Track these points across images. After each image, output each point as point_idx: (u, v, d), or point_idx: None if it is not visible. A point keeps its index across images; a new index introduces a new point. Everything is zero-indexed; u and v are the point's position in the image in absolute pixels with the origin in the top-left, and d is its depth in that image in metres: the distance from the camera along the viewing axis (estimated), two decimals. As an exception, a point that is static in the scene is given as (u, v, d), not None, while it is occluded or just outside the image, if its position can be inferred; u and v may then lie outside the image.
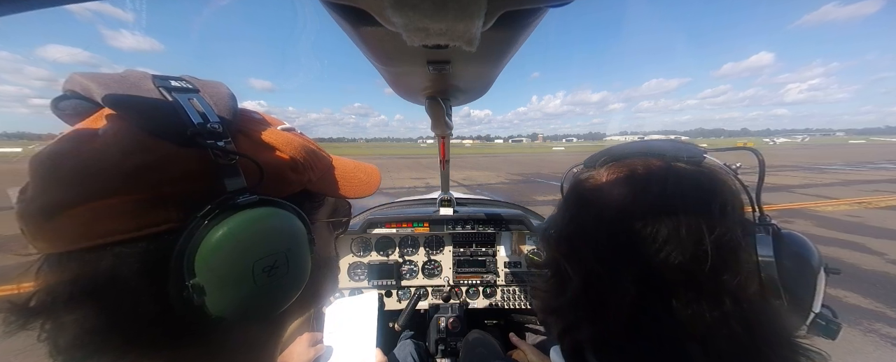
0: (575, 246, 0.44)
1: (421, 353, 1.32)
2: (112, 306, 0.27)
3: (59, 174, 0.26)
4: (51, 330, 0.27)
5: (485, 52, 0.44)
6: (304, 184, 0.38)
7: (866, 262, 4.34)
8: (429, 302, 1.65)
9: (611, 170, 0.45)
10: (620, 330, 0.39)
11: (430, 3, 0.25)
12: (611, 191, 0.43)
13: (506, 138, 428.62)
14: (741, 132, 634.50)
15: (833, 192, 9.80)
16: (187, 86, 0.31)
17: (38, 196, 0.26)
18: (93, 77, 0.29)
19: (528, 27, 0.36)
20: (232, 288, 0.29)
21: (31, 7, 0.23)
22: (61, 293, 0.26)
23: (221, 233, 0.28)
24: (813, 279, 0.40)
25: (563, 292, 0.44)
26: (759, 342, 0.35)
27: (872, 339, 2.74)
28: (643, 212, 0.38)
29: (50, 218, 0.26)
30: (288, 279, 0.33)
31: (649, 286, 0.37)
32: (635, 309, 0.37)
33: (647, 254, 0.37)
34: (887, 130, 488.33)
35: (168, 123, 0.28)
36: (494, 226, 1.66)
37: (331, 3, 0.30)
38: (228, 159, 0.30)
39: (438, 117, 0.76)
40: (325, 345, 0.89)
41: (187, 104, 0.30)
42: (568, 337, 0.46)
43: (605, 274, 0.40)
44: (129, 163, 0.27)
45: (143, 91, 0.29)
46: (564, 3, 0.29)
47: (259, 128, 0.36)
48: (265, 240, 0.31)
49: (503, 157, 38.32)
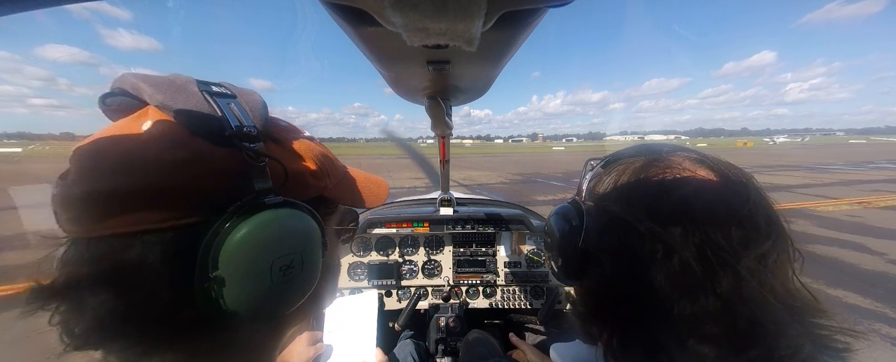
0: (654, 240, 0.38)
1: (421, 353, 1.32)
2: (134, 293, 0.28)
3: (103, 163, 0.28)
4: (66, 314, 0.28)
5: (485, 52, 0.44)
6: (321, 191, 0.40)
7: (866, 262, 4.34)
8: (429, 302, 1.65)
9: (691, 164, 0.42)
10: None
11: (430, 3, 0.25)
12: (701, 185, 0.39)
13: (506, 138, 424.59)
14: (741, 132, 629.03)
15: (833, 192, 9.81)
16: (226, 92, 0.34)
17: (81, 182, 0.28)
18: (144, 78, 0.32)
19: (528, 27, 0.36)
20: (250, 282, 0.31)
21: (31, 7, 0.23)
22: (86, 276, 0.27)
23: (247, 229, 0.30)
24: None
25: (632, 292, 0.39)
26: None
27: (872, 339, 2.74)
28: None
29: (90, 203, 0.27)
30: (300, 279, 0.35)
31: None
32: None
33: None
34: (887, 130, 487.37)
35: (208, 124, 0.31)
36: (494, 226, 1.66)
37: (331, 3, 0.30)
38: (259, 161, 0.32)
39: (438, 117, 0.76)
40: (324, 344, 0.89)
41: (226, 108, 0.32)
42: (631, 338, 0.41)
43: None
44: (169, 156, 0.28)
45: (188, 94, 0.32)
46: (564, 3, 0.29)
47: (287, 135, 0.38)
48: (286, 240, 0.33)
49: (503, 157, 38.33)
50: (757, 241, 0.35)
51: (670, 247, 0.36)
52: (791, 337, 0.34)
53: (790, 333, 0.34)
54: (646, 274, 0.37)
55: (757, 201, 0.38)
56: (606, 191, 0.46)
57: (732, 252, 0.35)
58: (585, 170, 0.53)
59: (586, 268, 0.45)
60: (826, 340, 0.35)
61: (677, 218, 0.37)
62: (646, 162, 0.44)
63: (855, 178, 13.21)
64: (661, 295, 0.36)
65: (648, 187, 0.41)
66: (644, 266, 0.37)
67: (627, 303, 0.40)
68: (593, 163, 0.52)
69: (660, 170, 0.41)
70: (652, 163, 0.43)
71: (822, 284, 3.71)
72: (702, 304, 0.35)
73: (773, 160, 24.03)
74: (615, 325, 0.42)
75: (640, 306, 0.39)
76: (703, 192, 0.38)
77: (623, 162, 0.47)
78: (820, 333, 0.35)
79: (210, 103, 0.31)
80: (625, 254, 0.40)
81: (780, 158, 27.12)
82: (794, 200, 8.63)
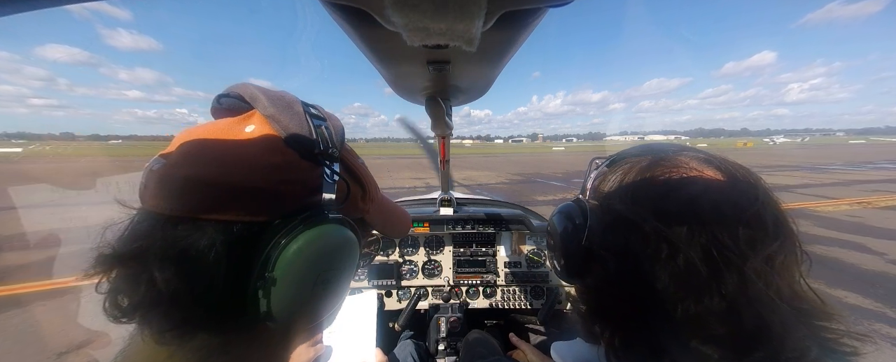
0: (657, 237, 0.38)
1: (421, 353, 1.32)
2: (195, 276, 0.29)
3: (208, 153, 0.32)
4: (121, 283, 0.30)
5: (485, 52, 0.44)
6: (364, 213, 0.45)
7: (866, 262, 4.34)
8: (429, 302, 1.65)
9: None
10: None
11: (430, 3, 0.25)
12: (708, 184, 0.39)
13: (506, 138, 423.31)
14: (741, 132, 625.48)
15: (833, 192, 9.81)
16: (319, 114, 0.39)
17: (184, 166, 0.31)
18: (262, 90, 0.36)
19: (528, 27, 0.36)
20: (295, 288, 0.33)
21: (31, 7, 0.23)
22: (157, 251, 0.29)
23: (308, 238, 0.33)
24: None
25: (637, 289, 0.39)
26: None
27: (879, 343, 2.74)
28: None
29: (188, 185, 0.30)
30: (332, 294, 0.38)
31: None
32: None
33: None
34: (887, 130, 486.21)
35: (301, 140, 0.35)
36: (494, 226, 1.66)
37: (331, 3, 0.30)
38: (332, 178, 0.36)
39: (438, 117, 0.76)
40: (324, 345, 0.89)
41: (317, 129, 0.36)
42: (634, 338, 0.41)
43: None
44: (266, 160, 0.32)
45: (293, 112, 0.36)
46: (564, 3, 0.29)
47: (354, 160, 0.43)
48: (334, 254, 0.36)
49: (503, 157, 38.30)
50: (764, 242, 0.35)
51: (675, 246, 0.36)
52: (797, 340, 0.34)
53: (796, 335, 0.34)
54: (650, 273, 0.37)
55: (765, 202, 0.37)
56: (611, 189, 0.46)
57: (739, 252, 0.34)
58: (590, 168, 0.52)
59: (589, 267, 0.45)
60: (833, 344, 0.35)
61: (683, 217, 0.37)
62: (652, 161, 0.43)
63: (855, 178, 13.22)
64: (666, 294, 0.36)
65: (654, 186, 0.41)
66: (648, 265, 0.37)
67: (631, 302, 0.40)
68: (598, 161, 0.52)
69: (666, 170, 0.41)
70: (658, 163, 0.42)
71: (822, 284, 3.71)
72: (707, 305, 0.34)
73: (774, 160, 24.02)
74: (618, 324, 0.42)
75: (643, 305, 0.38)
76: (710, 192, 0.38)
77: (629, 161, 0.47)
78: (827, 336, 0.35)
79: (307, 122, 0.36)
80: (629, 252, 0.39)
81: (781, 158, 27.12)
82: (795, 200, 8.63)
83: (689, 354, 0.36)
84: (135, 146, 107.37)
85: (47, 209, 6.18)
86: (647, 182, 0.42)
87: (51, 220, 5.54)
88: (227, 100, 0.37)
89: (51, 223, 5.48)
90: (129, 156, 34.00)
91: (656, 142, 0.48)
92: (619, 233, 0.41)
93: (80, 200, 6.35)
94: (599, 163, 0.51)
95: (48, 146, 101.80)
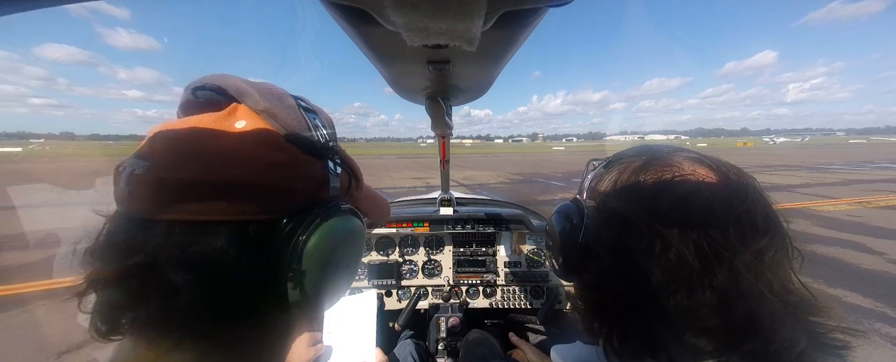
0: (655, 235, 0.38)
1: (421, 353, 1.32)
2: (215, 280, 0.29)
3: (202, 153, 0.30)
4: (119, 300, 0.29)
5: (485, 52, 0.44)
6: (357, 201, 0.45)
7: (866, 262, 4.34)
8: (429, 302, 1.65)
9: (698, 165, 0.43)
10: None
11: (430, 2, 0.25)
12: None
13: (506, 138, 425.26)
14: (741, 132, 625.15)
15: (833, 192, 9.81)
16: (309, 107, 0.38)
17: (176, 168, 0.29)
18: (247, 83, 0.34)
19: (528, 27, 0.36)
20: (320, 277, 0.34)
21: (31, 7, 0.23)
22: (167, 260, 0.28)
23: (327, 229, 0.33)
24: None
25: (633, 284, 0.39)
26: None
27: (872, 339, 2.74)
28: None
29: (185, 190, 0.29)
30: (344, 278, 0.40)
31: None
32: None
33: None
34: (887, 130, 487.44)
35: (301, 134, 0.34)
36: (494, 226, 1.66)
37: (331, 3, 0.30)
38: (336, 171, 0.37)
39: (438, 117, 0.76)
40: (324, 345, 0.89)
41: (312, 122, 0.36)
42: (631, 334, 0.41)
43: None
44: (268, 157, 0.31)
45: (287, 105, 0.35)
46: (564, 3, 0.29)
47: (343, 151, 0.43)
48: (349, 242, 0.37)
49: (503, 157, 38.33)
50: (754, 238, 0.36)
51: (668, 241, 0.37)
52: (787, 332, 0.35)
53: (786, 328, 0.35)
54: (644, 267, 0.38)
55: (755, 200, 0.38)
56: (607, 189, 0.47)
57: (729, 247, 0.35)
58: (587, 170, 0.54)
59: (586, 263, 0.46)
60: (823, 337, 0.36)
61: (675, 215, 0.38)
62: (646, 161, 0.45)
63: (855, 178, 13.21)
64: (659, 288, 0.37)
65: (648, 185, 0.42)
66: (642, 260, 0.38)
67: (626, 297, 0.40)
68: (595, 163, 0.53)
69: (660, 170, 0.42)
70: (652, 163, 0.44)
71: (822, 284, 3.71)
72: (698, 297, 0.35)
73: (774, 160, 24.01)
74: (615, 319, 0.43)
75: (638, 299, 0.39)
76: (702, 191, 0.39)
77: (624, 161, 0.48)
78: (817, 330, 0.36)
79: (303, 117, 0.35)
80: (623, 247, 0.40)
81: (781, 158, 27.12)
82: (795, 200, 8.63)
83: (684, 346, 0.37)
84: (135, 146, 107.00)
85: (47, 209, 6.18)
86: (641, 181, 0.43)
87: (51, 220, 5.55)
88: (205, 94, 0.34)
89: (51, 223, 5.48)
90: (129, 155, 33.99)
91: (652, 144, 0.49)
92: (614, 229, 0.42)
93: (80, 200, 6.36)
94: (596, 165, 0.53)
95: (48, 146, 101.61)
